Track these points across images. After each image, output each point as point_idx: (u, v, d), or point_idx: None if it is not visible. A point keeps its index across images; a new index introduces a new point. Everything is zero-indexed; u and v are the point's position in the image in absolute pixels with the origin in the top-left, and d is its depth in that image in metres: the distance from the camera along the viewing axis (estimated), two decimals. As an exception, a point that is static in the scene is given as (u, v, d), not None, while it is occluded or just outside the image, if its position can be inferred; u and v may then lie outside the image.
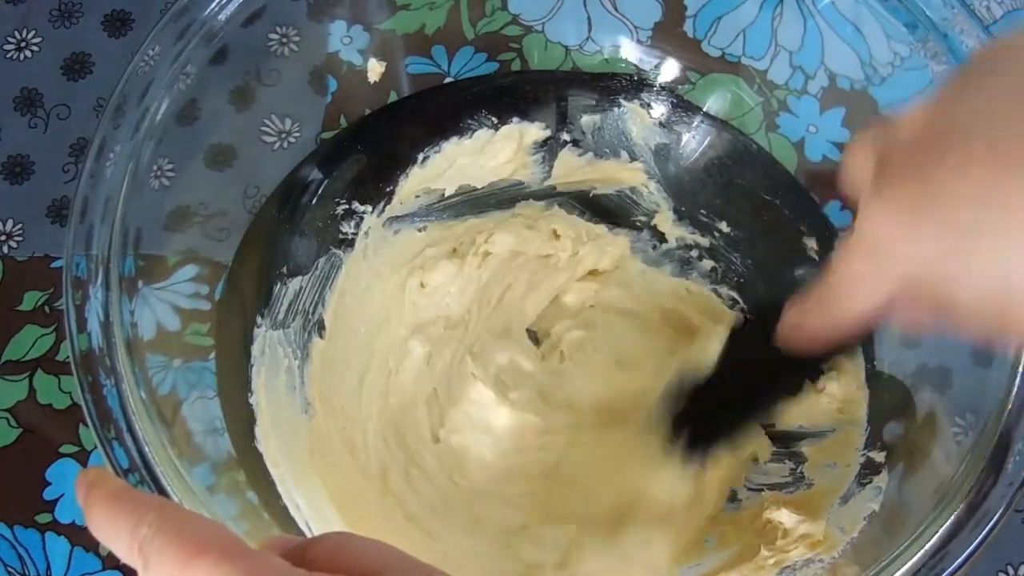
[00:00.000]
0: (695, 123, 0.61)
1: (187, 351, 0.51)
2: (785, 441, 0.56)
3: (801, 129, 0.59)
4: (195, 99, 0.51)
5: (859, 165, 0.36)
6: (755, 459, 0.56)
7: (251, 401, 0.53)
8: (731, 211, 0.60)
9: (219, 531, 0.28)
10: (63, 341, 0.58)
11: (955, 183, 0.32)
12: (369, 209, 0.60)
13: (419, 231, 0.62)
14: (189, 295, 0.52)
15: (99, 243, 0.47)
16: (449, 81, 0.61)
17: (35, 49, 0.68)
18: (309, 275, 0.58)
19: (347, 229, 0.59)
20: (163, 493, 0.43)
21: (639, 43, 0.61)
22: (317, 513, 0.52)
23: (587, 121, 0.62)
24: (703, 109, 0.61)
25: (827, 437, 0.54)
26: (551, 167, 0.62)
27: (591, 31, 0.61)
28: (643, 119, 0.61)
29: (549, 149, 0.62)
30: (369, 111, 0.60)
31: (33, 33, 0.68)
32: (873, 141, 0.36)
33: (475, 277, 0.61)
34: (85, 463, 0.57)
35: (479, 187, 0.62)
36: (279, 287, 0.57)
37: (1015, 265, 0.32)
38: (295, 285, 0.57)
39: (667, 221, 0.62)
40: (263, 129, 0.57)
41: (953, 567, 0.42)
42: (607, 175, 0.62)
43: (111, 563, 0.54)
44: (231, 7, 0.52)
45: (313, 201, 0.59)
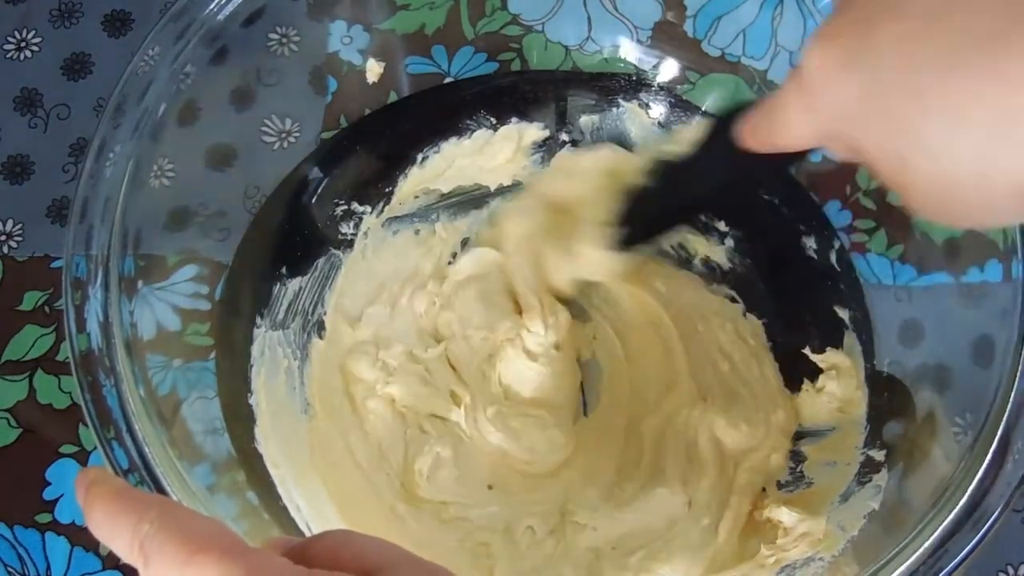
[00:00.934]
0: (694, 123, 0.61)
1: (187, 351, 0.51)
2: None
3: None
4: (195, 99, 0.51)
5: None
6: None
7: (251, 401, 0.53)
8: (730, 211, 0.60)
9: (220, 529, 0.28)
10: (63, 341, 0.58)
11: (882, 47, 0.32)
12: (368, 209, 0.60)
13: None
14: (189, 295, 0.52)
15: (99, 243, 0.47)
16: (449, 81, 0.61)
17: (35, 49, 0.68)
18: (309, 275, 0.58)
19: (346, 229, 0.59)
20: (163, 493, 0.43)
21: (639, 43, 0.61)
22: (317, 513, 0.52)
23: (586, 121, 0.62)
24: (702, 109, 0.61)
25: (827, 436, 0.54)
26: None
27: (591, 31, 0.61)
28: (642, 119, 0.61)
29: (548, 149, 0.62)
30: (369, 111, 0.60)
31: (33, 33, 0.68)
32: None
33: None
34: (85, 463, 0.57)
35: (478, 187, 0.62)
36: (279, 287, 0.57)
37: (913, 144, 0.32)
38: (295, 285, 0.57)
39: (667, 221, 0.62)
40: (263, 129, 0.57)
41: (952, 566, 0.42)
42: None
43: (111, 563, 0.54)
44: (231, 7, 0.52)
45: (313, 201, 0.59)
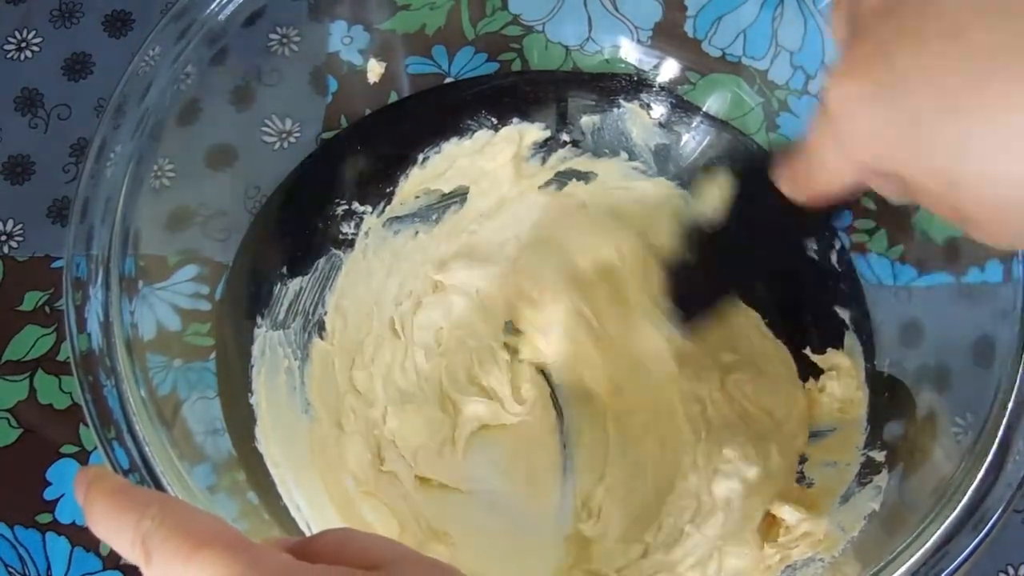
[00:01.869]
0: (695, 123, 0.61)
1: (187, 351, 0.51)
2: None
3: (802, 129, 0.58)
4: (195, 99, 0.51)
5: (837, 28, 0.36)
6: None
7: (251, 401, 0.53)
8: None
9: (222, 525, 0.28)
10: (63, 341, 0.58)
11: (906, 71, 0.32)
12: (369, 209, 0.60)
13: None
14: (189, 295, 0.52)
15: (99, 243, 0.47)
16: (449, 81, 0.61)
17: (35, 49, 0.68)
18: (309, 275, 0.58)
19: (347, 229, 0.59)
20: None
21: (639, 43, 0.61)
22: (317, 513, 0.52)
23: (587, 121, 0.62)
24: (703, 109, 0.61)
25: (827, 436, 0.54)
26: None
27: (591, 31, 0.61)
28: (643, 119, 0.61)
29: (549, 150, 0.62)
30: (369, 111, 0.60)
31: (33, 33, 0.68)
32: (846, 5, 0.36)
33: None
34: (85, 463, 0.57)
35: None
36: (279, 287, 0.57)
37: (961, 165, 0.32)
38: (295, 285, 0.57)
39: (666, 221, 0.62)
40: (263, 129, 0.57)
41: (952, 567, 0.42)
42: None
43: (112, 563, 0.54)
44: (231, 7, 0.52)
45: (313, 201, 0.59)
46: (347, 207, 0.59)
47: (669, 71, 0.61)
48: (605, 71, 0.61)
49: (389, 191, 0.60)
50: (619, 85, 0.61)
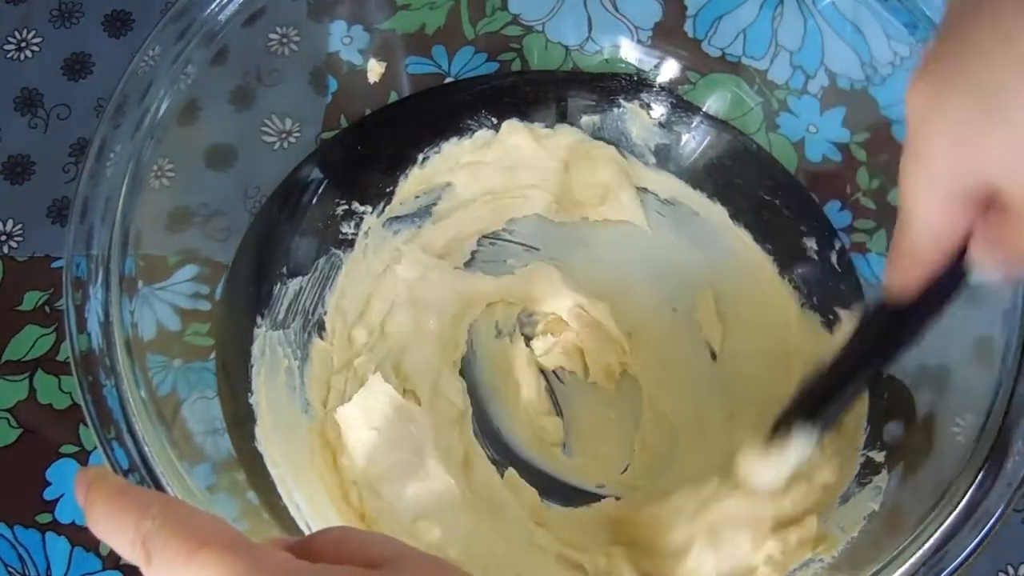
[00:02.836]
0: (695, 123, 0.61)
1: (187, 351, 0.51)
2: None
3: (801, 129, 0.59)
4: (195, 99, 0.51)
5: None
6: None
7: (251, 401, 0.53)
8: (730, 211, 0.60)
9: (222, 525, 0.28)
10: (63, 341, 0.58)
11: (985, 42, 0.30)
12: (369, 209, 0.60)
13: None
14: (189, 295, 0.52)
15: (99, 243, 0.47)
16: (449, 81, 0.61)
17: (35, 49, 0.68)
18: (309, 275, 0.58)
19: (347, 229, 0.59)
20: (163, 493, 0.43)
21: (639, 43, 0.61)
22: (317, 513, 0.52)
23: (587, 121, 0.62)
24: (703, 109, 0.61)
25: (827, 437, 0.54)
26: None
27: (591, 31, 0.61)
28: (643, 119, 0.61)
29: (549, 149, 0.62)
30: (369, 111, 0.60)
31: (33, 33, 0.68)
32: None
33: None
34: (85, 463, 0.57)
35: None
36: (279, 287, 0.57)
37: None
38: (295, 285, 0.57)
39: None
40: (263, 129, 0.57)
41: (952, 567, 0.42)
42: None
43: (111, 563, 0.54)
44: (231, 7, 0.52)
45: (313, 201, 0.59)
46: (347, 207, 0.59)
47: (669, 71, 0.61)
48: (605, 71, 0.61)
49: (389, 191, 0.60)
50: (619, 85, 0.61)
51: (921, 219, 0.35)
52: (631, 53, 0.61)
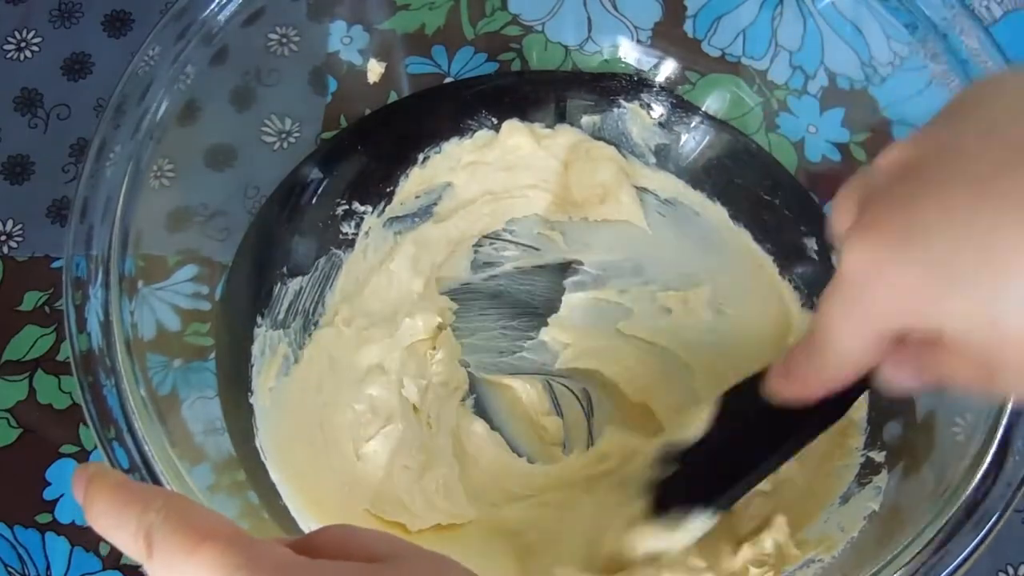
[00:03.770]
0: (695, 123, 0.61)
1: (187, 351, 0.51)
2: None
3: (801, 129, 0.59)
4: (195, 99, 0.51)
5: (843, 216, 0.35)
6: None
7: (251, 401, 0.53)
8: (730, 211, 0.60)
9: (224, 521, 0.28)
10: (63, 341, 0.58)
11: (932, 220, 0.31)
12: (369, 209, 0.60)
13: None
14: (189, 295, 0.52)
15: (99, 243, 0.47)
16: (449, 81, 0.61)
17: (35, 49, 0.68)
18: (309, 275, 0.58)
19: (347, 229, 0.59)
20: (163, 493, 0.43)
21: (639, 43, 0.61)
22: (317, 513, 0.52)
23: (587, 121, 0.62)
24: (702, 109, 0.61)
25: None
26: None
27: (591, 31, 0.61)
28: (643, 119, 0.61)
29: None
30: (369, 111, 0.60)
31: (33, 33, 0.68)
32: (855, 189, 0.35)
33: None
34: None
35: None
36: (279, 287, 0.57)
37: (1002, 306, 0.31)
38: (295, 285, 0.57)
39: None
40: (263, 129, 0.57)
41: (952, 567, 0.42)
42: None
43: (111, 563, 0.54)
44: (231, 7, 0.52)
45: (313, 201, 0.59)
46: (347, 207, 0.59)
47: (669, 71, 0.61)
48: (605, 71, 0.61)
49: (389, 191, 0.60)
50: (619, 85, 0.61)
51: (842, 349, 0.35)
52: (631, 53, 0.61)
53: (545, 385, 0.59)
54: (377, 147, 0.60)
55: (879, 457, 0.51)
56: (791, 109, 0.59)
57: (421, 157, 0.60)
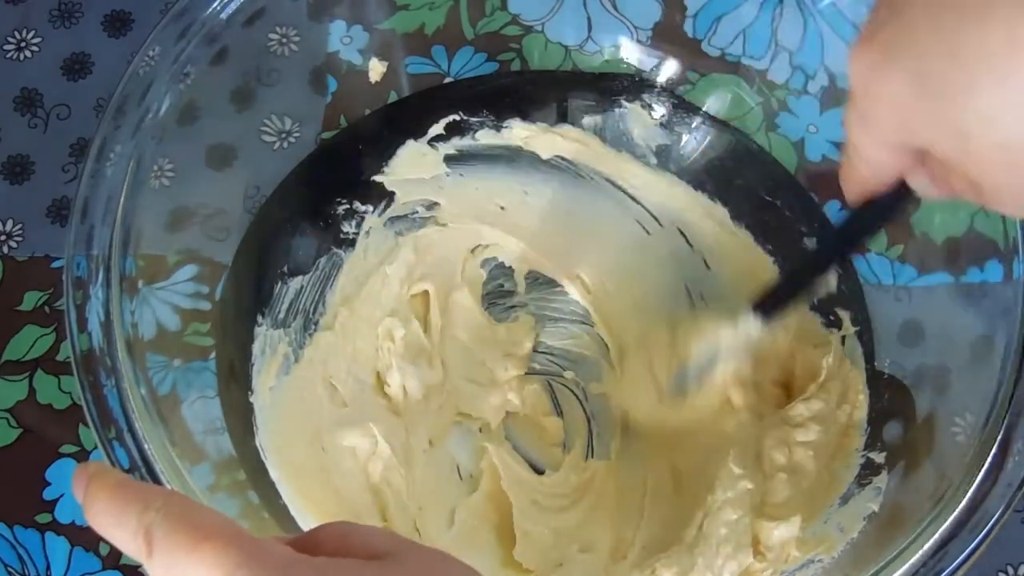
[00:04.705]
0: (695, 123, 0.61)
1: (187, 351, 0.51)
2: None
3: (801, 129, 0.59)
4: (195, 99, 0.51)
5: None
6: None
7: (251, 401, 0.53)
8: (731, 211, 0.60)
9: (224, 519, 0.28)
10: (63, 341, 0.58)
11: (918, 19, 0.32)
12: (370, 209, 0.60)
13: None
14: (189, 295, 0.52)
15: (99, 243, 0.47)
16: (449, 81, 0.61)
17: (35, 49, 0.68)
18: (310, 275, 0.58)
19: (348, 229, 0.59)
20: (163, 493, 0.43)
21: (639, 43, 0.61)
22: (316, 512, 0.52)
23: (588, 122, 0.61)
24: (703, 109, 0.61)
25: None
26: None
27: (591, 31, 0.61)
28: (644, 120, 0.61)
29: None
30: (369, 111, 0.60)
31: (33, 33, 0.68)
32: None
33: None
34: (85, 463, 0.57)
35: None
36: (280, 287, 0.57)
37: (969, 118, 0.31)
38: (296, 285, 0.57)
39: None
40: (263, 129, 0.57)
41: (952, 567, 0.42)
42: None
43: (111, 563, 0.54)
44: (231, 7, 0.52)
45: (313, 201, 0.59)
46: (348, 206, 0.59)
47: (669, 71, 0.61)
48: (605, 71, 0.61)
49: (390, 191, 0.60)
50: (620, 85, 0.61)
51: (864, 158, 0.38)
52: (631, 53, 0.61)
53: (545, 385, 0.59)
54: (377, 147, 0.60)
55: (879, 458, 0.51)
56: (791, 109, 0.59)
57: (421, 157, 0.60)
